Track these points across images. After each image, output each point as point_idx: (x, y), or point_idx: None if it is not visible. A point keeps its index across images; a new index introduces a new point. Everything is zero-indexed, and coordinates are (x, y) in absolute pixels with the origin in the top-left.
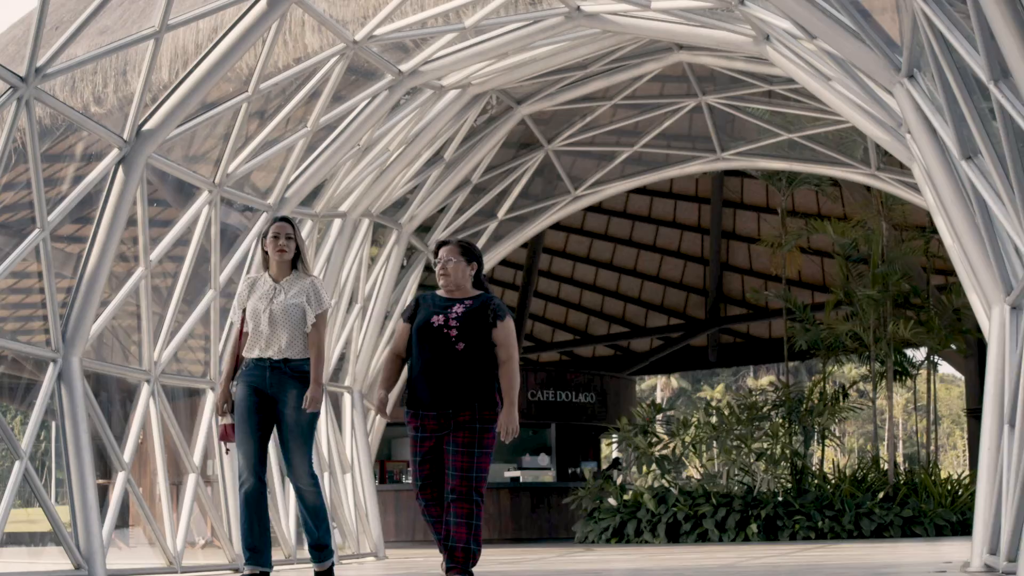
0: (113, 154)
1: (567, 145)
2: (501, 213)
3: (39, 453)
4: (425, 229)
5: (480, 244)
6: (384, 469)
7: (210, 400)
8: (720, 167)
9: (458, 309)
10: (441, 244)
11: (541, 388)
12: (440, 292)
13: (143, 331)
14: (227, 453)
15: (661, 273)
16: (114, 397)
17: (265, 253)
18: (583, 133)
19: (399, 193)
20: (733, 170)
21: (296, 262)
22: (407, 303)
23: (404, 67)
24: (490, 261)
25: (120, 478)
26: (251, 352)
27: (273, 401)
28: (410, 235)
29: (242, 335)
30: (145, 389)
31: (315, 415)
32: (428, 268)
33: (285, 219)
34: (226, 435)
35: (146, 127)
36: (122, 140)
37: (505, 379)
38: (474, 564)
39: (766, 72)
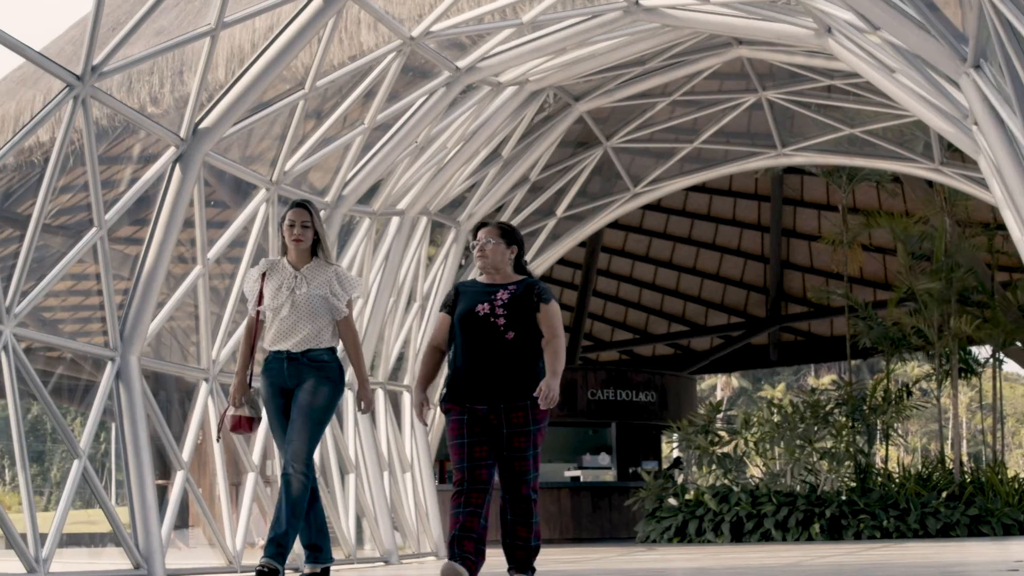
0: (170, 152)
1: (626, 142)
2: (559, 211)
3: (99, 454)
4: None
5: (538, 243)
6: (444, 469)
7: None
8: (780, 163)
9: (503, 296)
10: (480, 225)
11: (601, 387)
12: (480, 278)
13: (201, 330)
14: (218, 441)
15: (721, 271)
16: (173, 396)
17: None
18: (641, 130)
19: (457, 191)
20: (793, 167)
21: (316, 249)
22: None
23: (461, 64)
24: (548, 260)
25: (179, 478)
26: (272, 344)
27: (293, 393)
28: (468, 234)
29: (259, 323)
30: (204, 388)
31: (331, 405)
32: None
33: (302, 204)
34: (239, 426)
35: (202, 125)
36: (179, 138)
37: (550, 353)
38: (535, 558)
39: (826, 66)
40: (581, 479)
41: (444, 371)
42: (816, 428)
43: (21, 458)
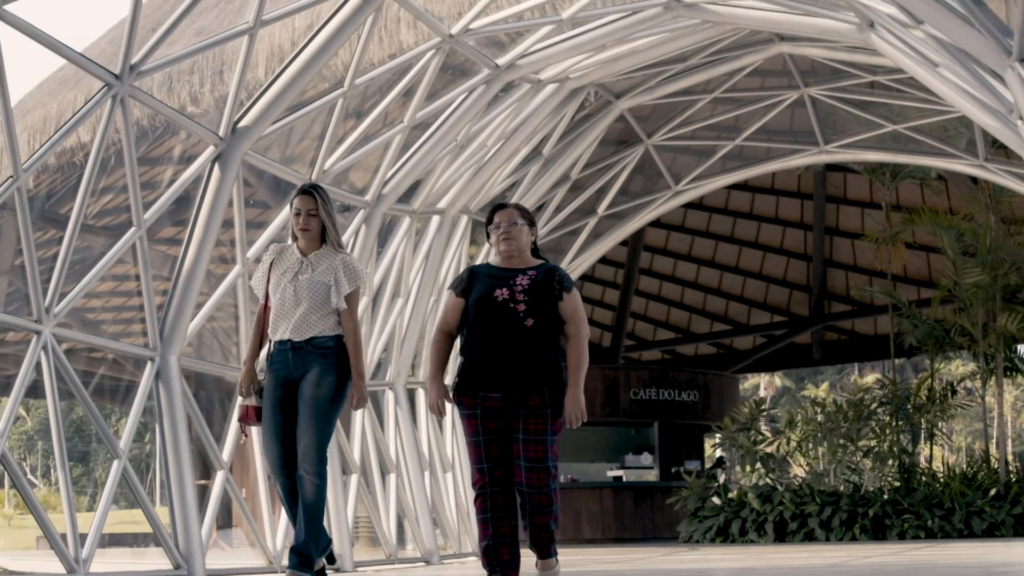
0: (208, 151)
1: (667, 140)
2: (600, 209)
3: (144, 455)
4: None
5: (579, 241)
6: None
7: None
8: (823, 160)
9: (523, 281)
10: (497, 208)
11: (643, 387)
12: (496, 262)
13: (241, 330)
14: (245, 437)
15: (764, 270)
16: (214, 396)
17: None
18: (683, 127)
19: (497, 190)
20: (836, 165)
21: (326, 237)
22: (458, 274)
23: (500, 61)
24: (589, 259)
25: (219, 478)
26: (274, 332)
27: (299, 384)
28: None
29: (267, 309)
30: None
31: (338, 395)
32: None
33: (309, 191)
34: (247, 417)
35: (241, 124)
36: (217, 137)
37: (573, 356)
38: (554, 542)
39: (869, 62)
40: (624, 479)
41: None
42: (860, 427)
43: (61, 458)
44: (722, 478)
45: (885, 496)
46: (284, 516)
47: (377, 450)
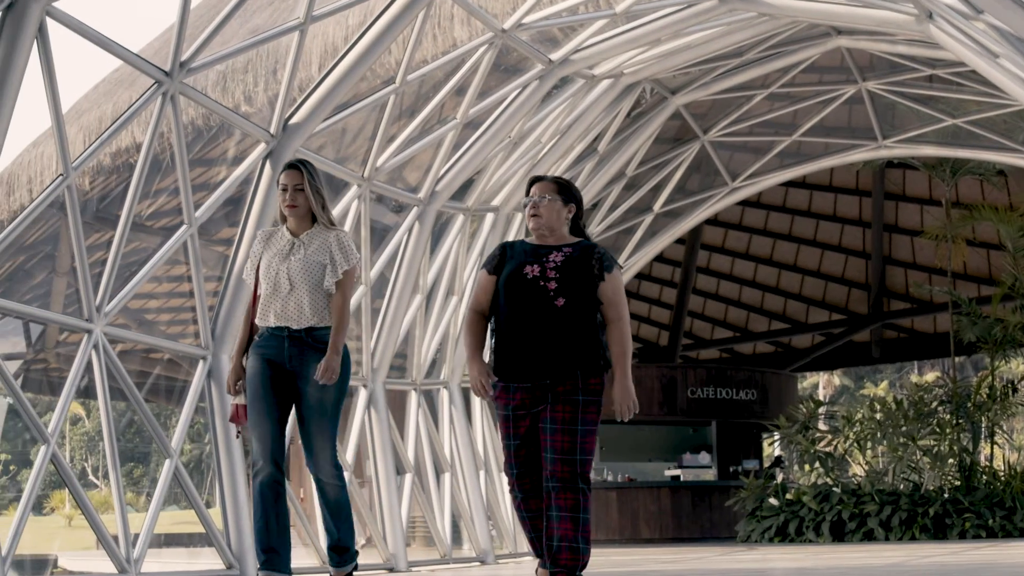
0: (260, 148)
1: (723, 136)
2: (656, 207)
3: (203, 455)
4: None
5: (635, 239)
6: None
7: (362, 397)
8: (882, 155)
9: (556, 257)
10: (534, 180)
11: (701, 385)
12: (531, 239)
13: None
14: (237, 437)
15: (822, 268)
16: None
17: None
18: (739, 123)
19: None
20: (894, 161)
21: (316, 214)
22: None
23: (554, 56)
24: (645, 256)
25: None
26: (266, 319)
27: (292, 376)
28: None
29: (256, 298)
30: None
31: (342, 394)
32: None
33: (295, 165)
34: (237, 416)
35: (293, 121)
36: (268, 134)
37: (616, 343)
38: (583, 567)
39: (927, 55)
40: (681, 478)
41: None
42: (920, 426)
43: (112, 458)
44: (780, 477)
45: (945, 495)
46: None
47: (432, 449)
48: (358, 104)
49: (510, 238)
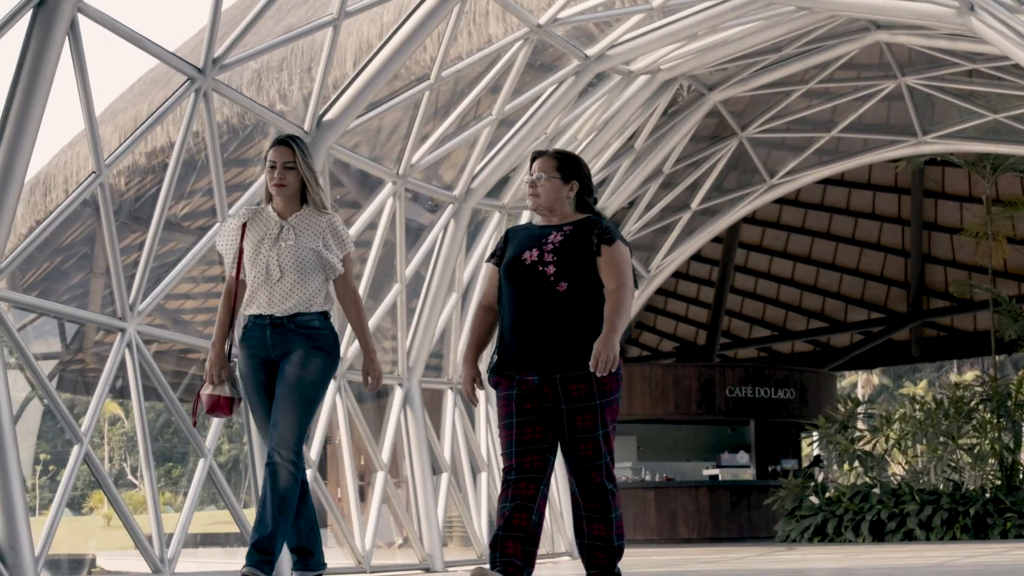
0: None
1: (761, 132)
2: (694, 204)
3: (241, 455)
4: (615, 224)
5: (672, 237)
6: None
7: (398, 396)
8: (922, 152)
9: (555, 239)
10: (536, 155)
11: (739, 385)
12: (537, 220)
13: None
14: (195, 423)
15: (861, 266)
16: None
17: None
18: (777, 120)
19: None
20: (934, 159)
21: (306, 195)
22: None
23: (590, 52)
24: (682, 255)
25: (307, 476)
26: (251, 307)
27: (277, 365)
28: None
29: (238, 282)
30: (331, 386)
31: (324, 380)
32: None
33: (286, 141)
34: (218, 407)
35: (327, 118)
36: (302, 131)
37: (611, 303)
38: (618, 561)
39: (967, 49)
40: (720, 478)
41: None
42: (960, 425)
43: (146, 456)
44: (819, 477)
45: (987, 495)
46: (373, 515)
47: (468, 449)
48: (392, 101)
49: None
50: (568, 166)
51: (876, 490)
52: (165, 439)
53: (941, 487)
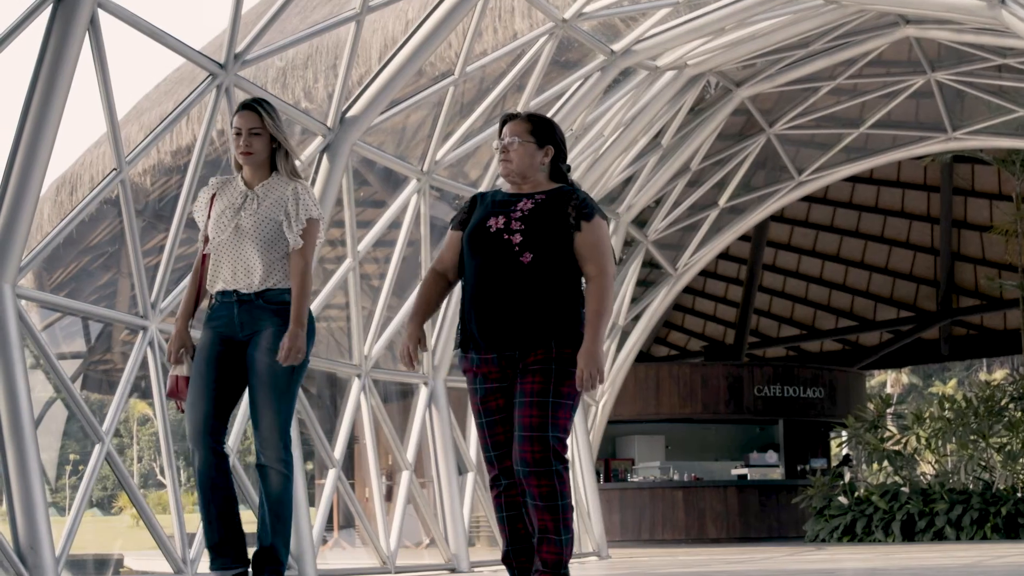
0: (317, 142)
1: (789, 129)
2: (722, 202)
3: None
4: (641, 223)
5: (699, 235)
6: (608, 467)
7: (423, 395)
8: (951, 148)
9: (525, 206)
10: (508, 117)
11: (768, 384)
12: (506, 187)
13: (352, 324)
14: (181, 412)
15: (890, 264)
16: (324, 393)
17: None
18: (805, 116)
19: (615, 181)
20: (963, 156)
21: (277, 162)
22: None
23: (616, 46)
24: (710, 253)
25: (331, 476)
26: (214, 283)
27: (244, 347)
28: (627, 225)
29: (205, 259)
30: (356, 384)
31: (300, 366)
32: (648, 263)
33: (250, 105)
34: (176, 390)
35: (350, 114)
36: (326, 127)
37: (593, 298)
38: (567, 560)
39: (998, 44)
40: (748, 477)
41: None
42: (991, 423)
43: (168, 455)
44: (848, 476)
45: (1018, 494)
46: (398, 515)
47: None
48: (416, 96)
49: None
50: (543, 130)
51: (906, 489)
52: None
53: (971, 486)
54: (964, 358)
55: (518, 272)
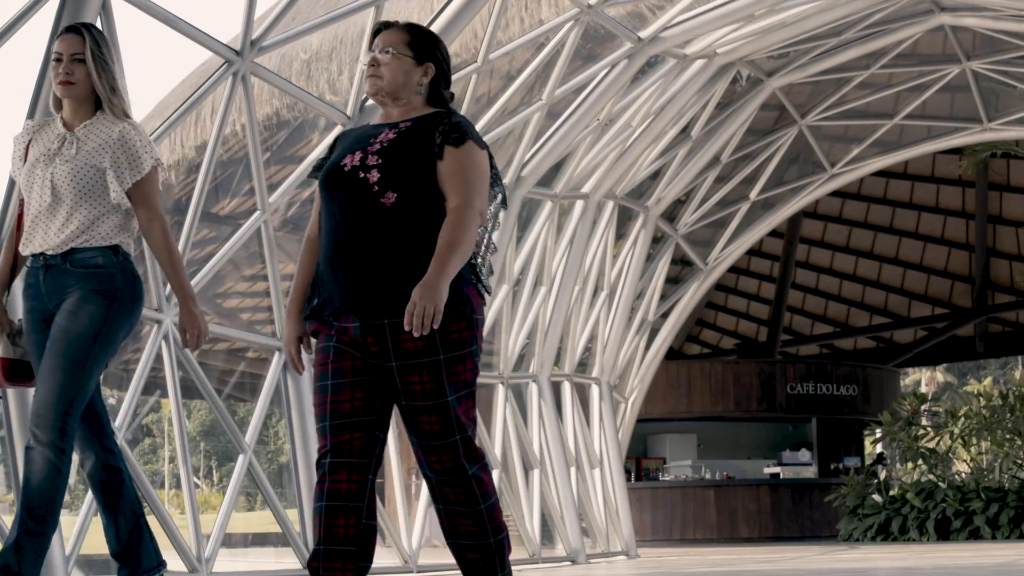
0: (337, 131)
1: (821, 120)
2: (753, 195)
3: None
4: (671, 218)
5: (731, 228)
6: (640, 466)
7: None
8: (987, 139)
9: (385, 136)
10: (382, 26)
11: (801, 381)
12: (378, 119)
13: None
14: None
15: (924, 261)
16: None
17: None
18: (837, 107)
19: (644, 173)
20: (996, 153)
21: (102, 99)
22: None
23: (643, 34)
24: (741, 247)
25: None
26: (28, 245)
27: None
28: (657, 219)
29: (20, 218)
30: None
31: (102, 334)
32: (678, 259)
33: (76, 27)
34: (3, 373)
35: (369, 102)
36: (345, 116)
37: (447, 229)
38: (503, 561)
39: None
40: (781, 476)
41: None
42: None
43: (183, 451)
44: (882, 475)
45: None
46: (420, 514)
47: (520, 445)
48: None
49: (601, 226)
50: (423, 42)
51: (942, 486)
52: (216, 437)
53: (1008, 484)
54: (999, 355)
55: (379, 217)
